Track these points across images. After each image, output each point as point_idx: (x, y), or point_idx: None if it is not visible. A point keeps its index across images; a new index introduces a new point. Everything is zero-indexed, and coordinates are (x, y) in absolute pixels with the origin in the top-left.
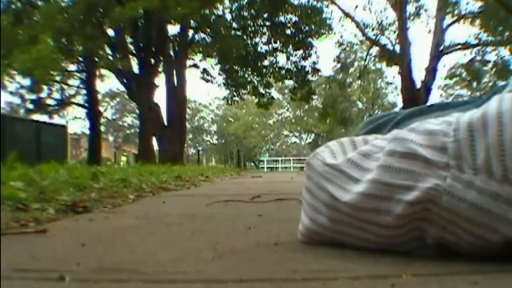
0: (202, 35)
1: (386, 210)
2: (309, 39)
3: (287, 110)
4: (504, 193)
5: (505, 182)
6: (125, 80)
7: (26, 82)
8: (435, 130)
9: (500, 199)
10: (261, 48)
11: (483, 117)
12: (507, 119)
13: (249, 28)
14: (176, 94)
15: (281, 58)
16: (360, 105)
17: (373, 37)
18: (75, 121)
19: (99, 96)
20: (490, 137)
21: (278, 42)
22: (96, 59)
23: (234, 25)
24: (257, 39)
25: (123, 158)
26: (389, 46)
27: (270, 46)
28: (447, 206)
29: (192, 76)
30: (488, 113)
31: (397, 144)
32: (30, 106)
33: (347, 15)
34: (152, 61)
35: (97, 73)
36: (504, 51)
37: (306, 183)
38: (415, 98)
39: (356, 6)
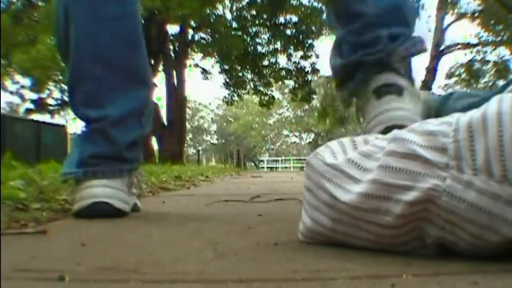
0: (202, 34)
1: (386, 210)
2: (310, 40)
3: (287, 110)
4: (504, 194)
5: (505, 183)
6: None
7: (26, 82)
8: (435, 131)
9: (500, 199)
10: (262, 48)
11: (483, 117)
12: (507, 120)
13: (249, 29)
14: (176, 94)
15: (280, 59)
16: None
17: None
18: (75, 121)
19: None
20: (490, 137)
21: (278, 42)
22: None
23: (234, 25)
24: (258, 39)
25: None
26: None
27: (270, 46)
28: (447, 207)
29: (192, 76)
30: (488, 113)
31: (397, 145)
32: (30, 106)
33: None
34: (152, 61)
35: None
36: (504, 51)
37: (306, 183)
38: None
39: None
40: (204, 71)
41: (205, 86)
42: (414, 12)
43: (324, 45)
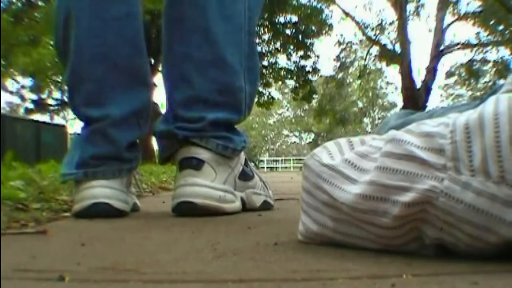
0: None
1: (383, 212)
2: (310, 40)
3: (287, 110)
4: (501, 195)
5: (502, 183)
6: None
7: (27, 82)
8: (432, 132)
9: (498, 200)
10: (261, 48)
11: (480, 118)
12: (504, 120)
13: None
14: None
15: (280, 59)
16: (360, 104)
17: (373, 37)
18: (75, 121)
19: None
20: (487, 138)
21: (278, 42)
22: None
23: None
24: (257, 39)
25: None
26: (389, 46)
27: (270, 46)
28: (444, 208)
29: None
30: (485, 114)
31: (394, 146)
32: (30, 106)
33: (347, 14)
34: (152, 61)
35: None
36: (504, 51)
37: (304, 184)
38: (416, 97)
39: (356, 6)
40: None
41: None
42: (250, 99)
43: (324, 45)
